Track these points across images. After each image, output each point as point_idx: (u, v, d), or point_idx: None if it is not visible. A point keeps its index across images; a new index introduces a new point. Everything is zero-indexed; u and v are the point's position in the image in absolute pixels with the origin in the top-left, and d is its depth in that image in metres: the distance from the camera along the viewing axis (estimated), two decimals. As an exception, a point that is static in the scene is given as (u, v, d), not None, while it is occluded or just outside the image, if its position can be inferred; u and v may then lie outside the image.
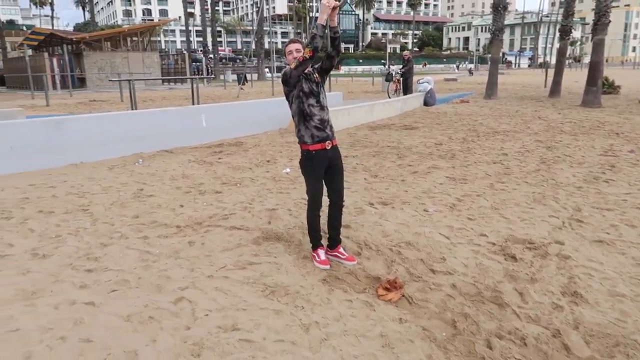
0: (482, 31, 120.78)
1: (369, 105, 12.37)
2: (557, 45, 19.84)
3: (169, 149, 8.75)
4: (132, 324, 2.90)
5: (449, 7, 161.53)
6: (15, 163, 6.89)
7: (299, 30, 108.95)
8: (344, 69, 69.64)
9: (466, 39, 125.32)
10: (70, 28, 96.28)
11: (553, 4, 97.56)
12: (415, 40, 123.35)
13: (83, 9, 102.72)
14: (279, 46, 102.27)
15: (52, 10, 71.15)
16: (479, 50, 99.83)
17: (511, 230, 4.56)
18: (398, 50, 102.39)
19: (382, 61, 79.57)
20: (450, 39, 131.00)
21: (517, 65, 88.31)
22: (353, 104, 12.73)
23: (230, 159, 7.94)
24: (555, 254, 4.02)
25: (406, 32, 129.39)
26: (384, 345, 2.75)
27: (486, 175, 6.67)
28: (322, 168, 3.65)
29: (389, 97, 16.39)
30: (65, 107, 17.60)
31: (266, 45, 45.83)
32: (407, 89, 16.84)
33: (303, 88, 3.53)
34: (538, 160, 7.62)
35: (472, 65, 66.18)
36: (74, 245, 4.18)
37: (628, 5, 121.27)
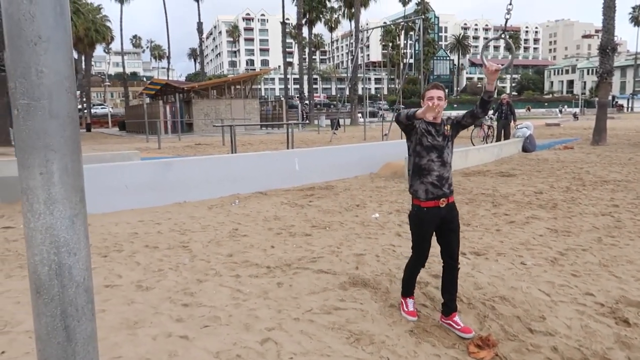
0: (588, 74, 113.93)
1: (463, 150, 12.05)
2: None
3: (264, 190, 9.13)
4: (220, 361, 3.00)
5: (550, 50, 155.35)
6: (129, 200, 7.58)
7: (392, 77, 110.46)
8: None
9: (570, 82, 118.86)
10: (183, 78, 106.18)
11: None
12: (513, 84, 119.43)
13: (194, 60, 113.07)
14: (372, 92, 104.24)
15: (169, 62, 78.97)
16: (584, 94, 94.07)
17: (623, 291, 4.12)
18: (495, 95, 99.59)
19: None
20: (552, 82, 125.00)
21: (629, 109, 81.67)
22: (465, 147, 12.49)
23: (321, 202, 8.09)
24: (677, 321, 3.55)
25: (503, 77, 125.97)
26: (474, 407, 2.57)
27: (593, 228, 6.14)
28: (432, 226, 3.43)
29: (472, 144, 15.77)
30: (174, 149, 19.19)
31: (359, 91, 46.85)
32: (506, 135, 16.23)
33: (422, 142, 3.33)
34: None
35: (577, 110, 62.35)
36: (174, 280, 4.45)
37: None
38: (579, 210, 7.17)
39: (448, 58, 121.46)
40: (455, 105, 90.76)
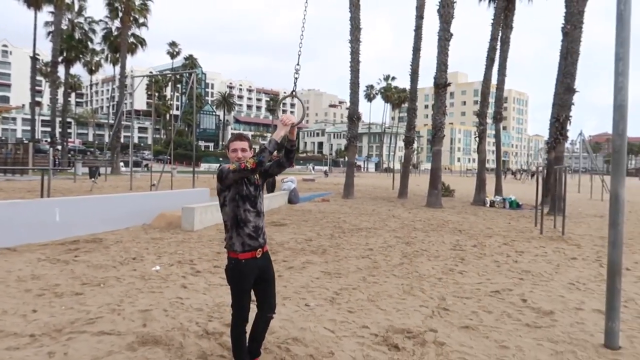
0: (334, 137, 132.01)
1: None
2: (399, 152, 22.35)
3: (12, 246, 7.66)
4: None
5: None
6: None
7: (157, 126, 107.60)
8: (204, 165, 69.44)
9: (320, 144, 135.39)
10: None
11: (393, 118, 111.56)
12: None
13: None
14: (136, 140, 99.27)
15: None
16: (332, 154, 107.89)
17: (389, 321, 4.77)
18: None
19: None
20: (306, 142, 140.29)
21: (365, 169, 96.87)
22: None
23: (89, 257, 7.20)
24: (432, 341, 4.27)
25: (265, 134, 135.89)
26: None
27: (358, 269, 6.99)
28: (252, 278, 3.32)
29: None
30: None
31: (122, 139, 44.14)
32: (273, 187, 17.40)
33: (240, 191, 3.27)
34: (400, 254, 8.25)
35: (326, 167, 71.15)
36: None
37: (452, 123, 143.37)
38: (344, 254, 8.09)
39: (214, 113, 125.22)
40: (221, 159, 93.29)
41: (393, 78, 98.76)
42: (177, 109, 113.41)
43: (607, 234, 4.48)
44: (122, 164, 42.12)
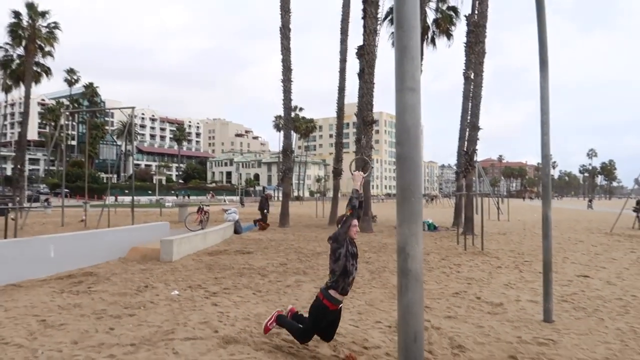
0: (243, 167, 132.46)
1: (203, 233, 13.33)
2: (307, 181, 24.01)
3: (16, 282, 8.09)
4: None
5: (210, 144, 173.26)
6: None
7: (52, 158, 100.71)
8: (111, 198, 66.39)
9: (228, 173, 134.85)
10: None
11: (300, 147, 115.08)
12: (179, 173, 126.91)
13: None
14: (26, 173, 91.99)
15: None
16: (242, 184, 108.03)
17: (392, 317, 6.28)
18: (164, 182, 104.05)
19: (172, 191, 79.74)
20: (214, 172, 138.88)
21: (277, 198, 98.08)
22: (180, 233, 13.43)
23: (102, 287, 7.90)
24: (430, 327, 5.87)
25: (170, 165, 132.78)
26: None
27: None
28: (326, 324, 4.56)
29: (187, 229, 16.62)
30: None
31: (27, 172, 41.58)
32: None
33: (350, 249, 4.35)
34: (367, 271, 9.84)
35: (241, 198, 71.92)
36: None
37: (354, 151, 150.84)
38: (323, 273, 9.50)
39: (115, 144, 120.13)
40: (126, 191, 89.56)
41: (301, 109, 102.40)
42: (72, 139, 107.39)
43: (542, 244, 6.45)
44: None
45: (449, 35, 25.01)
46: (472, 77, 19.62)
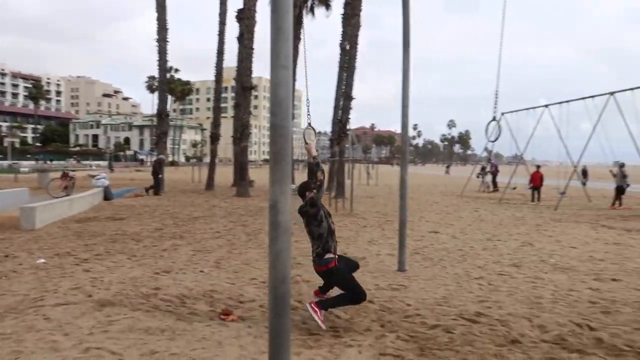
0: (111, 130, 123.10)
1: (69, 200, 12.50)
2: (183, 145, 23.54)
3: None
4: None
5: (73, 104, 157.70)
6: None
7: None
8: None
9: (95, 137, 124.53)
10: None
11: (174, 110, 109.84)
12: (37, 135, 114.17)
13: None
14: None
15: None
16: (110, 148, 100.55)
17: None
18: (18, 145, 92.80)
19: (29, 155, 71.00)
20: (77, 135, 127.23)
21: (150, 163, 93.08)
22: (43, 200, 12.48)
23: (-48, 259, 7.25)
24: (301, 280, 6.44)
25: (25, 126, 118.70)
26: None
27: (219, 246, 8.72)
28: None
29: (50, 194, 15.63)
30: None
31: None
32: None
33: (325, 209, 4.63)
34: (244, 234, 10.21)
35: (110, 162, 67.16)
36: None
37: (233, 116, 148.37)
38: (200, 237, 9.66)
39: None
40: (-31, 155, 78.63)
41: (176, 70, 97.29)
42: None
43: (399, 204, 7.33)
44: None
45: (327, 6, 25.57)
46: (347, 48, 20.48)
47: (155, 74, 20.98)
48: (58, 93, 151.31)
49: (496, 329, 4.66)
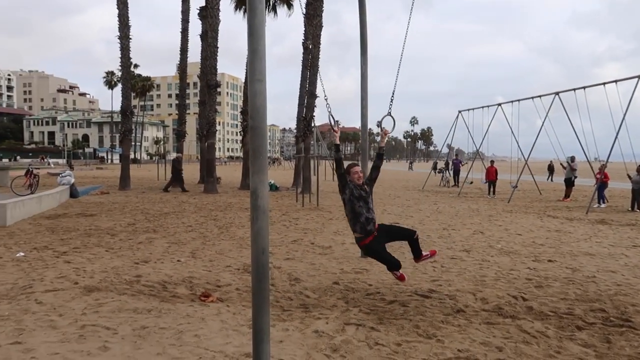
0: (69, 127, 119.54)
1: (38, 197, 12.60)
2: (145, 142, 23.71)
3: None
4: None
5: (26, 100, 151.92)
6: None
7: None
8: None
9: (51, 134, 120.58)
10: None
11: (135, 107, 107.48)
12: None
13: None
14: None
15: None
16: (67, 145, 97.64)
17: (241, 262, 7.29)
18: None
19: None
20: (32, 132, 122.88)
21: (110, 160, 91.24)
22: (5, 198, 12.48)
23: None
24: (274, 267, 7.00)
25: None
26: (240, 309, 4.98)
27: (193, 239, 9.16)
28: (380, 245, 5.19)
29: (14, 192, 15.73)
30: None
31: None
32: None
33: (355, 193, 5.15)
34: (215, 227, 10.66)
35: (67, 160, 65.46)
36: None
37: (196, 113, 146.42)
38: (173, 231, 10.06)
39: None
40: None
41: (136, 66, 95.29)
42: None
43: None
44: None
45: (289, 5, 26.04)
46: (310, 47, 21.05)
47: (113, 68, 20.90)
48: (9, 88, 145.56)
49: (445, 302, 5.38)
